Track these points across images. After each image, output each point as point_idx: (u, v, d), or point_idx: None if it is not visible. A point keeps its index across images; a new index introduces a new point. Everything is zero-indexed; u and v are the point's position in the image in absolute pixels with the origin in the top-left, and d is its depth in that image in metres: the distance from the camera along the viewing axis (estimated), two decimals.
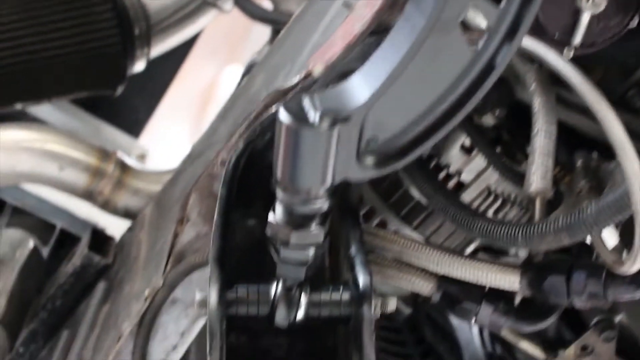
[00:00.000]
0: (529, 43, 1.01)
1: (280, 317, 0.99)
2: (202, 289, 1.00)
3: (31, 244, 1.73)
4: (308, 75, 1.06)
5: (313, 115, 0.80)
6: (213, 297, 0.95)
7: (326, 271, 1.13)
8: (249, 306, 0.99)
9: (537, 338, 1.41)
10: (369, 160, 0.87)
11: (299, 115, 0.80)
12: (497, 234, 1.04)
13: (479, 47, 0.81)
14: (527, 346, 1.39)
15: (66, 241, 1.81)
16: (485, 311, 1.16)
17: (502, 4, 0.78)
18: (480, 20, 0.79)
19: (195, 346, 1.43)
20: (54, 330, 1.63)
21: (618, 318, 1.36)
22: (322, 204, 0.89)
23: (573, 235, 0.95)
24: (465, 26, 0.80)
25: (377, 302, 1.01)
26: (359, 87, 0.83)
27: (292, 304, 0.99)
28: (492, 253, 1.36)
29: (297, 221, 0.91)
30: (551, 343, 1.42)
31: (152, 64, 2.13)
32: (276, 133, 0.82)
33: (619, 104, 1.17)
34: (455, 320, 2.17)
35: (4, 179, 1.49)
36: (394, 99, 0.84)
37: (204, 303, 0.99)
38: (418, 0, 0.82)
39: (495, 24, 0.79)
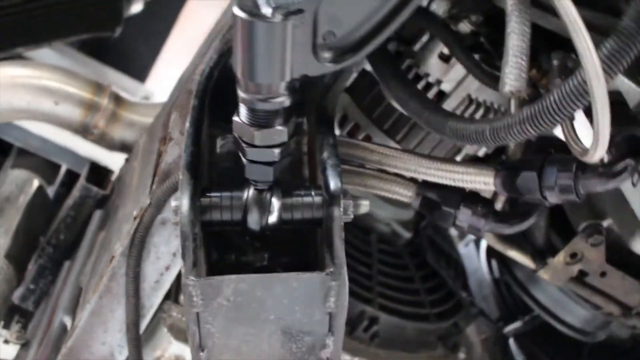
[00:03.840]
0: None
1: (253, 220, 1.00)
2: (177, 198, 1.01)
3: (36, 183, 1.76)
4: None
5: (267, 10, 0.81)
6: (185, 202, 0.96)
7: (305, 179, 1.14)
8: (223, 212, 1.00)
9: (526, 247, 1.42)
10: (327, 55, 0.88)
11: (253, 11, 0.81)
12: (467, 131, 1.03)
13: None
14: (515, 255, 1.40)
15: (73, 181, 1.83)
16: (464, 214, 1.16)
17: None
18: None
19: None
20: (60, 264, 1.67)
21: (606, 223, 1.36)
22: (284, 101, 0.90)
23: (537, 124, 0.94)
24: None
25: (350, 204, 1.01)
26: None
27: (264, 207, 1.00)
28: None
29: (260, 120, 0.92)
30: (541, 252, 1.42)
31: (152, 10, 2.14)
32: (233, 30, 0.83)
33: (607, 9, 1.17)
34: (462, 249, 2.19)
35: (1, 115, 1.51)
36: None
37: (177, 209, 1.00)
38: None
39: None
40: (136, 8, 2.02)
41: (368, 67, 1.37)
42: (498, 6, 1.21)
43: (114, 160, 1.77)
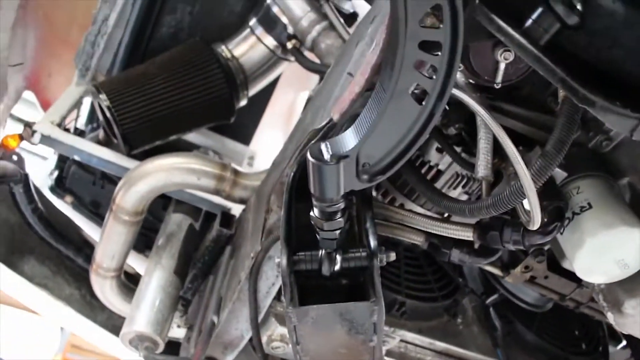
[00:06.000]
0: (457, 93, 1.04)
1: (325, 269, 1.09)
2: (279, 257, 1.11)
3: (188, 222, 1.87)
4: (330, 120, 1.15)
5: (327, 156, 0.90)
6: (283, 261, 1.07)
7: (356, 233, 1.21)
8: (306, 264, 1.09)
9: (497, 262, 1.47)
10: (365, 177, 0.95)
11: (319, 157, 0.90)
12: (454, 208, 1.11)
13: (423, 104, 0.87)
14: (490, 268, 1.45)
15: (210, 219, 1.94)
16: (455, 253, 1.23)
17: (434, 78, 0.85)
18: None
19: None
20: (205, 274, 1.79)
21: (547, 247, 1.41)
22: (340, 205, 0.99)
23: (495, 209, 1.01)
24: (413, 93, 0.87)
25: (384, 257, 1.09)
26: (352, 137, 0.92)
27: (332, 261, 1.08)
28: None
29: (327, 216, 1.01)
30: (506, 265, 1.47)
31: (253, 97, 2.23)
32: (307, 167, 0.92)
33: (542, 108, 1.20)
34: None
35: (167, 187, 1.64)
36: (375, 140, 0.92)
37: (279, 264, 1.10)
38: (382, 79, 0.90)
39: (431, 90, 0.85)
40: (243, 102, 2.15)
41: None
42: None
43: (236, 209, 1.86)
